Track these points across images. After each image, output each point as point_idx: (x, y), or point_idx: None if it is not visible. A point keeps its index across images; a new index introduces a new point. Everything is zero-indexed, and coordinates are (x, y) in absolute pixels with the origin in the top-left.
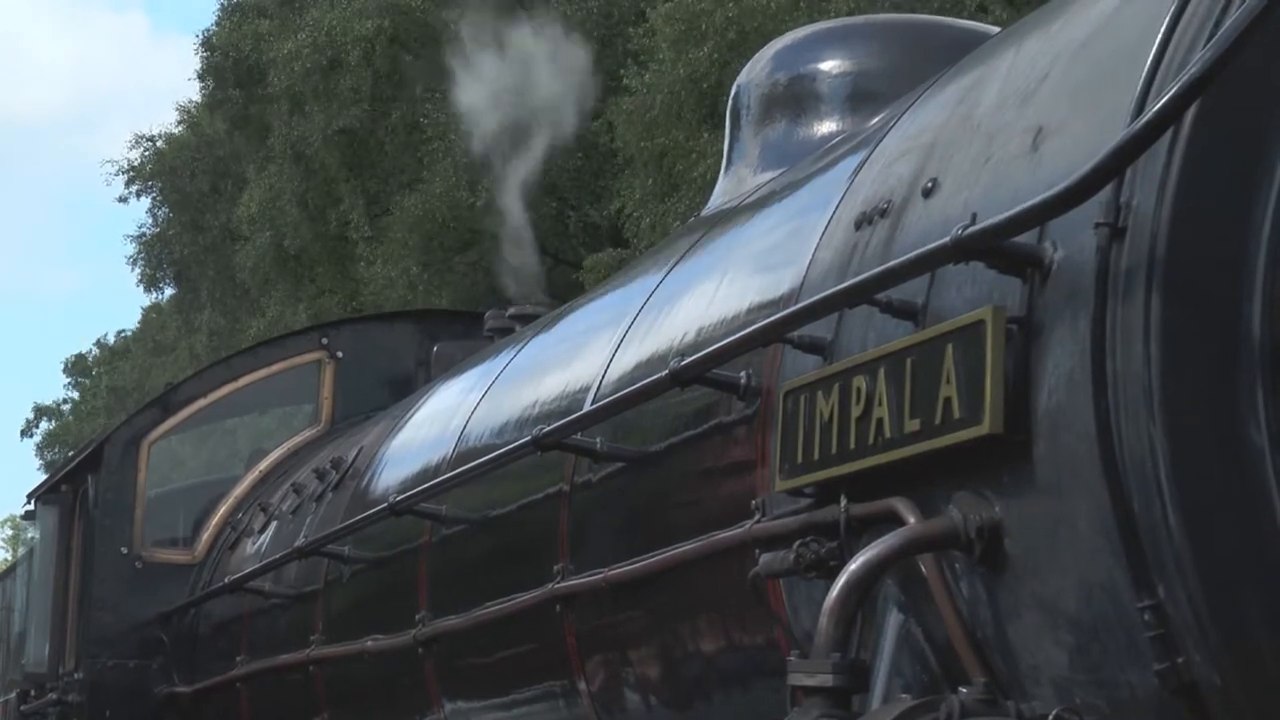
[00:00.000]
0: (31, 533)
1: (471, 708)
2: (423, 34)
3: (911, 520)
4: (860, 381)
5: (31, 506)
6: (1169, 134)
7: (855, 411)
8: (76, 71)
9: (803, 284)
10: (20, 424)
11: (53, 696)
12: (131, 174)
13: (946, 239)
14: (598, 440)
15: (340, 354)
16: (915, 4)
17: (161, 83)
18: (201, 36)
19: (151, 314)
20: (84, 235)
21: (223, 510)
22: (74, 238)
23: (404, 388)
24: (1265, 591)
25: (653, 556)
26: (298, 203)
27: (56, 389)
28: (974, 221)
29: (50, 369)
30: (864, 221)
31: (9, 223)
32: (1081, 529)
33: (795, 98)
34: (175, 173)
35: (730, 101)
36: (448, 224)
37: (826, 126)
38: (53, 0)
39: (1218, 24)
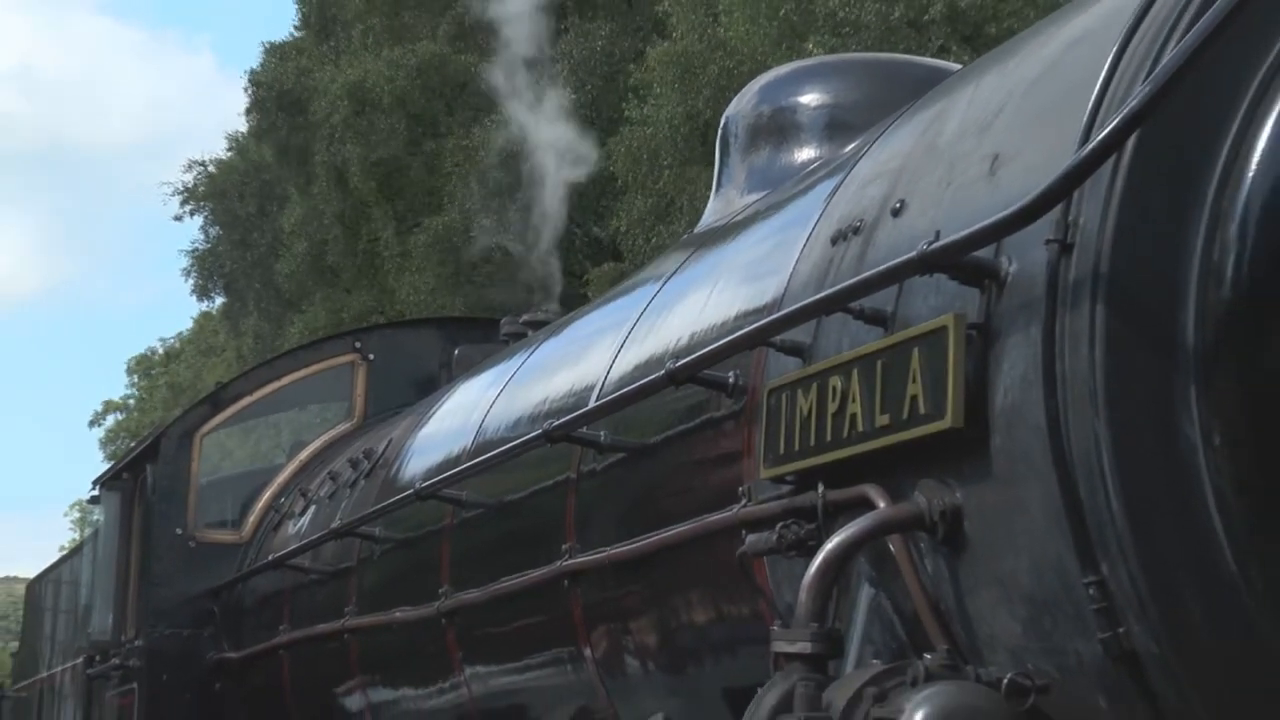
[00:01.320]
0: (96, 515)
1: (489, 672)
2: (448, 78)
3: (881, 505)
4: (836, 381)
5: (96, 492)
6: (1112, 161)
7: (831, 408)
8: (151, 106)
9: (784, 294)
10: (89, 417)
11: (115, 661)
12: (186, 195)
13: (913, 254)
14: (601, 433)
15: (371, 356)
16: (884, 44)
17: (224, 115)
18: (249, 75)
19: (202, 320)
20: (147, 251)
21: (267, 495)
22: (139, 253)
23: (428, 386)
24: (1197, 570)
25: (650, 537)
26: (336, 220)
27: (121, 386)
28: (938, 238)
29: (116, 369)
30: (839, 238)
31: (88, 240)
32: (1033, 513)
33: (778, 127)
34: (225, 195)
35: (720, 131)
36: (467, 240)
37: (806, 153)
38: (133, 43)
39: (1155, 63)
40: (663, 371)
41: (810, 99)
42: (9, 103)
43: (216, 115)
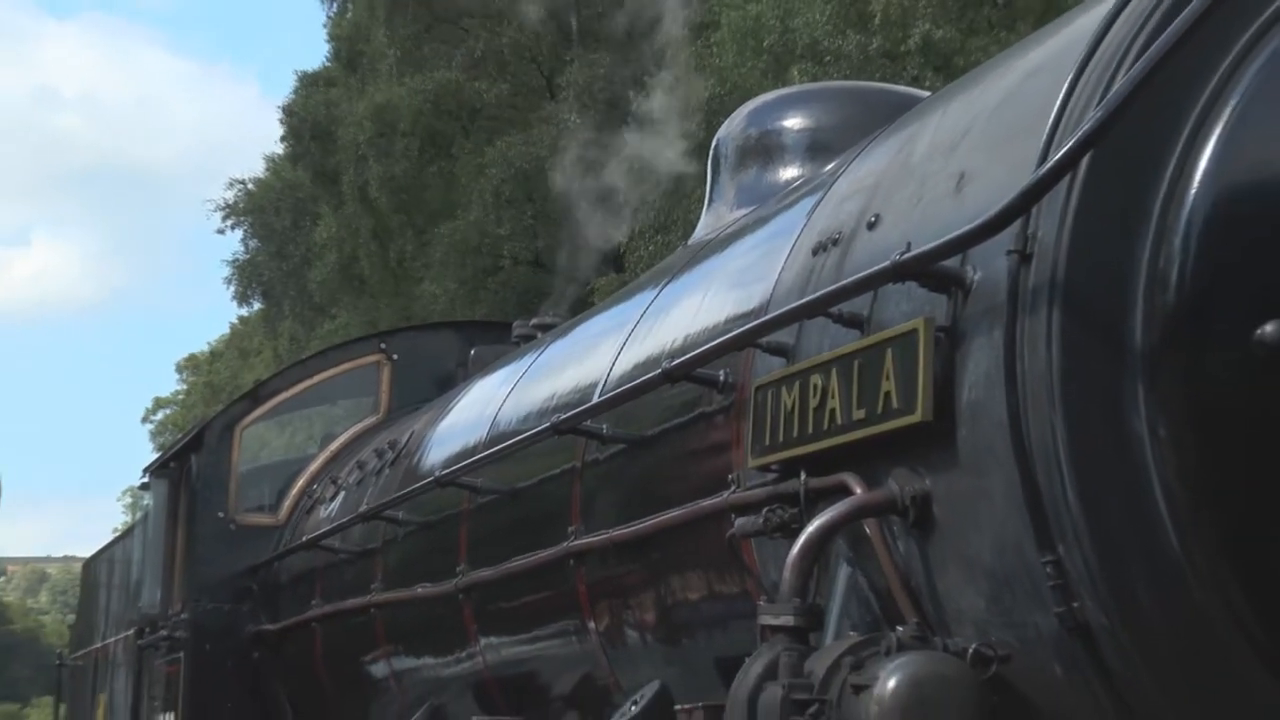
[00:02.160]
0: (146, 501)
1: (502, 642)
2: (462, 103)
3: (858, 491)
4: (817, 379)
5: (146, 480)
6: (1067, 179)
7: (813, 403)
8: (200, 130)
9: (770, 299)
10: (141, 412)
11: (163, 633)
12: (228, 211)
13: (887, 263)
14: (604, 426)
15: (395, 356)
16: (862, 73)
17: (264, 138)
18: (283, 108)
19: (242, 324)
20: (193, 262)
21: (300, 482)
22: (186, 264)
23: (447, 383)
24: (1143, 549)
25: (648, 520)
26: (367, 234)
27: (170, 385)
28: (909, 249)
29: (165, 369)
30: (820, 249)
31: (141, 252)
32: (996, 499)
33: (764, 149)
34: (263, 210)
35: (711, 152)
36: (480, 249)
37: (789, 172)
38: (187, 73)
39: (1106, 91)
40: (660, 370)
41: (794, 123)
42: (74, 126)
43: (258, 138)
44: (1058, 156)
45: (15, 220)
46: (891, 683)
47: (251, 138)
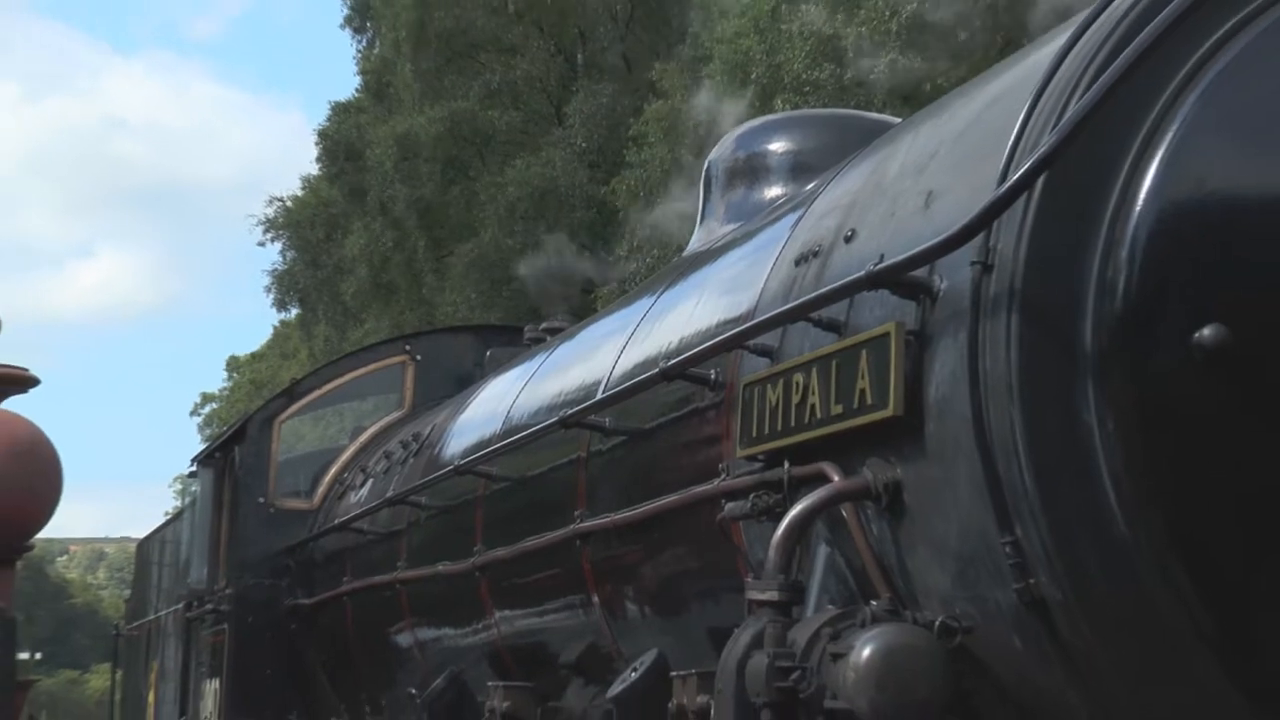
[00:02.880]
0: (194, 487)
1: (515, 615)
2: (477, 130)
3: (836, 479)
4: (798, 377)
5: (194, 468)
6: (1024, 197)
7: (795, 399)
8: (248, 153)
9: (757, 306)
10: (190, 406)
11: (210, 606)
12: (268, 225)
13: (862, 273)
14: (607, 420)
15: (418, 357)
16: (838, 101)
17: (305, 160)
18: (317, 132)
19: (280, 328)
20: (238, 272)
21: (333, 471)
22: (232, 273)
23: (465, 382)
24: (1093, 531)
25: (647, 505)
26: (391, 246)
27: (216, 382)
28: (882, 260)
29: (212, 367)
30: (802, 260)
31: (193, 263)
32: (960, 486)
33: (751, 170)
34: (299, 225)
35: (703, 173)
36: (496, 263)
37: (774, 191)
38: (237, 103)
39: (1060, 118)
40: (657, 369)
41: (778, 146)
42: (136, 151)
43: (298, 160)
44: (1016, 177)
45: (83, 235)
46: (866, 651)
47: (292, 160)
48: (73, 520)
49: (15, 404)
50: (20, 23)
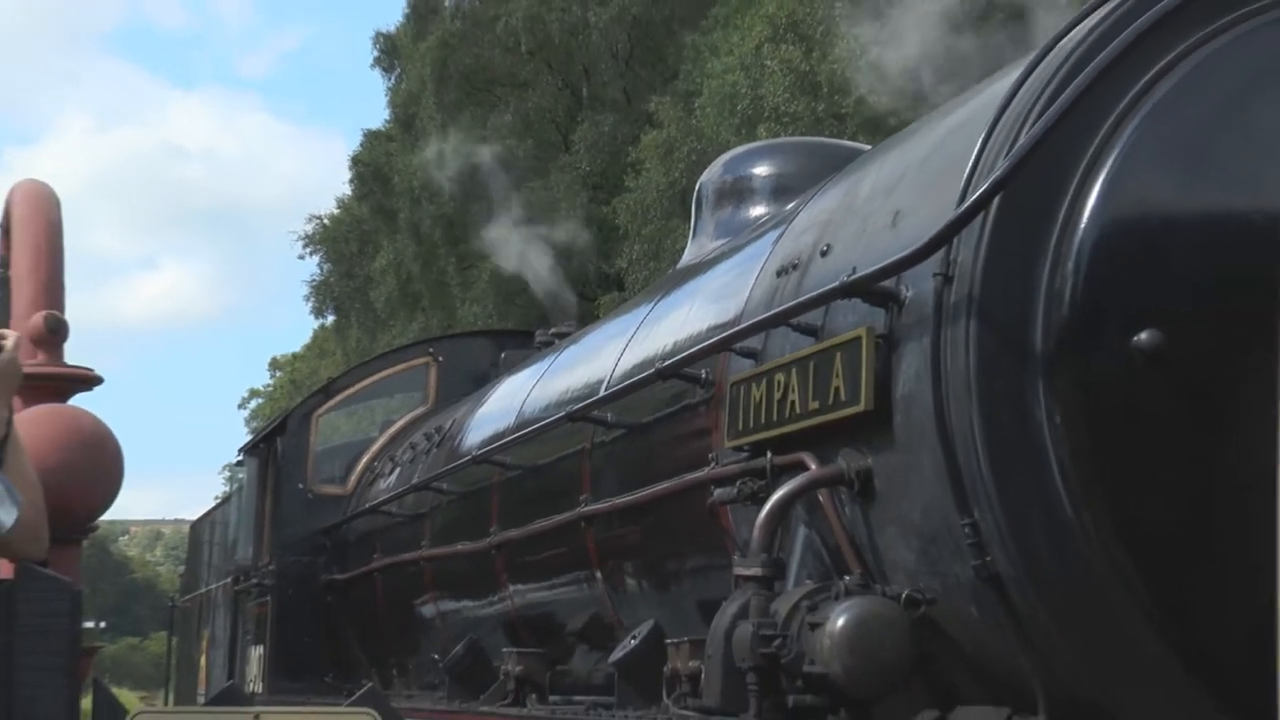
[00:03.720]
0: (241, 475)
1: (527, 589)
2: (492, 156)
3: (813, 467)
4: (780, 376)
5: (241, 458)
6: (982, 216)
7: (776, 396)
8: (295, 178)
9: (743, 313)
10: (237, 401)
11: (255, 580)
12: (306, 241)
13: (837, 284)
14: (609, 415)
15: (441, 358)
16: (814, 130)
17: (341, 183)
18: (351, 158)
19: (318, 333)
20: (284, 282)
21: (365, 460)
22: (279, 283)
23: (482, 381)
24: (1043, 514)
25: (644, 491)
26: (413, 259)
27: (261, 380)
28: (854, 272)
29: (258, 366)
30: (783, 272)
31: (245, 274)
32: (924, 473)
33: (738, 191)
34: (335, 240)
35: (695, 194)
36: (511, 276)
37: (758, 210)
38: (286, 133)
39: (1013, 144)
40: (654, 369)
41: (761, 170)
42: (195, 175)
43: (337, 183)
44: (974, 197)
45: (147, 250)
46: (840, 621)
47: (332, 183)
48: (133, 503)
49: (82, 400)
50: (92, 61)
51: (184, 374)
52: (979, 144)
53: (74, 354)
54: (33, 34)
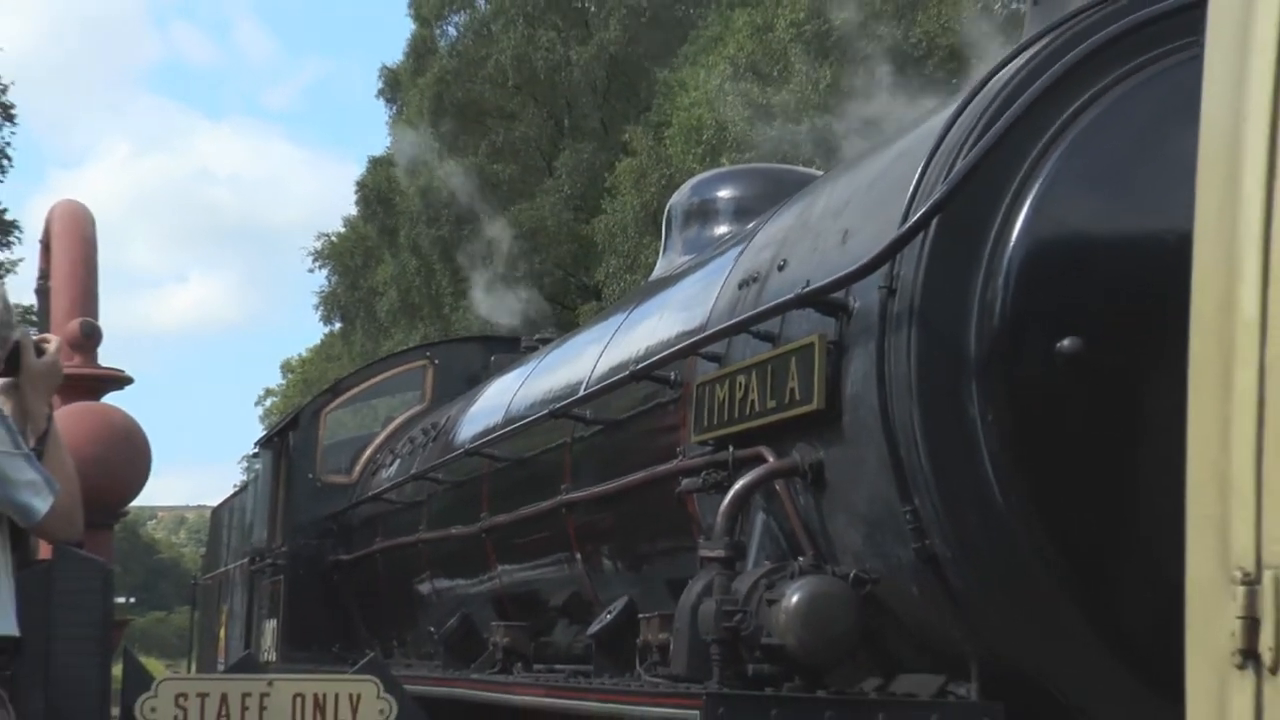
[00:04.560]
0: (257, 465)
1: (514, 569)
2: (486, 179)
3: (771, 460)
4: (741, 378)
5: (257, 450)
6: (922, 235)
7: (738, 395)
8: (311, 199)
9: (708, 321)
10: (254, 399)
11: (269, 561)
12: (316, 255)
13: (792, 295)
14: (587, 412)
15: (437, 361)
16: (772, 157)
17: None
18: (357, 183)
19: (327, 338)
20: (298, 293)
21: (368, 453)
22: (294, 294)
23: (474, 381)
24: (976, 501)
25: (619, 481)
26: (413, 273)
27: (276, 378)
28: (808, 285)
29: (274, 367)
30: (744, 284)
31: (265, 286)
32: (870, 465)
33: (703, 212)
34: (341, 255)
35: (665, 214)
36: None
37: (721, 229)
38: (304, 158)
39: (950, 171)
40: (628, 372)
41: (724, 193)
42: (223, 197)
43: (346, 204)
44: (915, 218)
45: (178, 264)
46: (795, 598)
47: (343, 205)
48: (160, 491)
49: (114, 398)
50: (132, 95)
51: (208, 375)
52: (919, 170)
53: (110, 357)
54: (81, 70)
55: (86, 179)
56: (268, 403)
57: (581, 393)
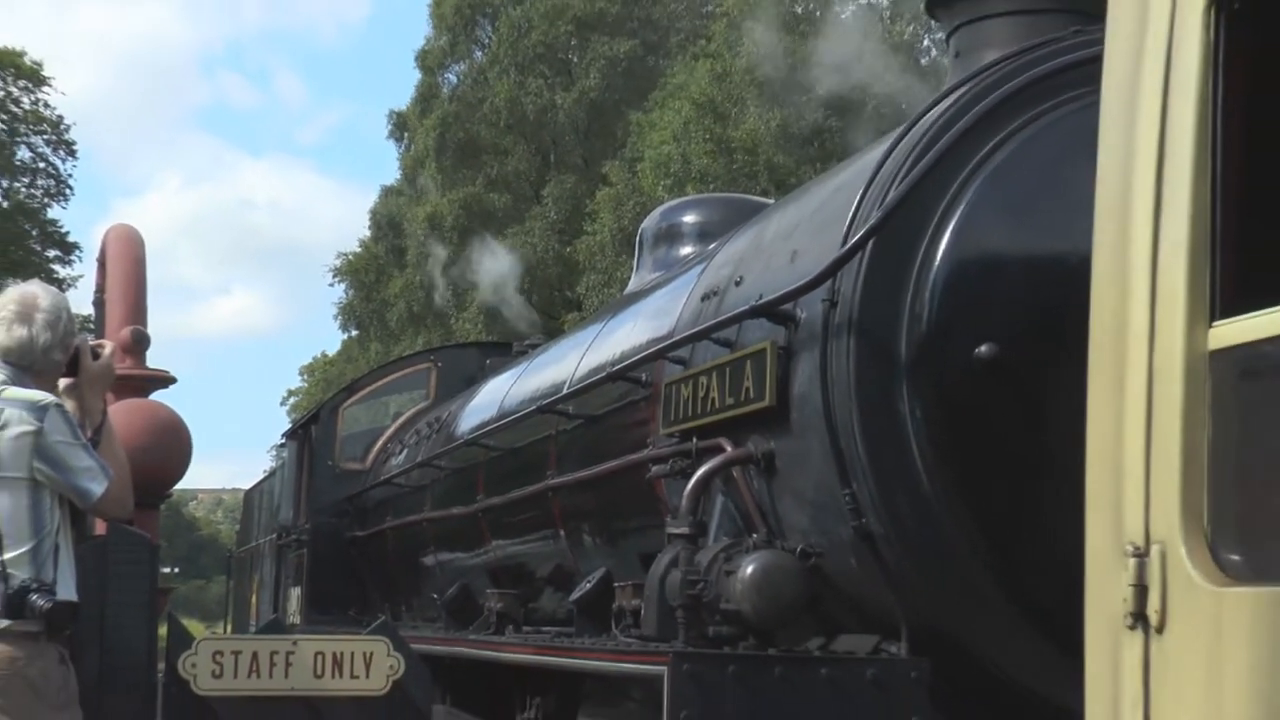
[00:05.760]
0: (284, 454)
1: (506, 544)
2: (483, 206)
3: (729, 449)
4: (703, 379)
5: (284, 441)
6: (859, 255)
7: (701, 394)
8: (337, 224)
9: (675, 329)
10: (280, 397)
11: (294, 537)
12: (335, 272)
13: (747, 307)
14: (570, 408)
15: (440, 364)
16: (730, 187)
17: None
18: (370, 211)
19: (345, 344)
20: (324, 304)
21: (379, 443)
22: (320, 305)
23: (472, 381)
24: (906, 486)
25: (598, 468)
26: (420, 289)
27: (300, 379)
28: (761, 298)
29: (294, 370)
30: (706, 297)
31: (297, 298)
32: (815, 454)
33: (670, 234)
34: (357, 272)
35: (638, 237)
36: (494, 304)
37: (686, 249)
38: (330, 189)
39: (884, 199)
40: (605, 373)
41: (689, 218)
42: (263, 221)
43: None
44: (853, 241)
45: (222, 278)
46: (749, 569)
47: (358, 229)
48: (200, 475)
49: (160, 395)
50: (184, 133)
51: (243, 374)
52: (857, 199)
53: (159, 360)
54: (141, 112)
55: (144, 206)
56: (292, 400)
57: (565, 391)
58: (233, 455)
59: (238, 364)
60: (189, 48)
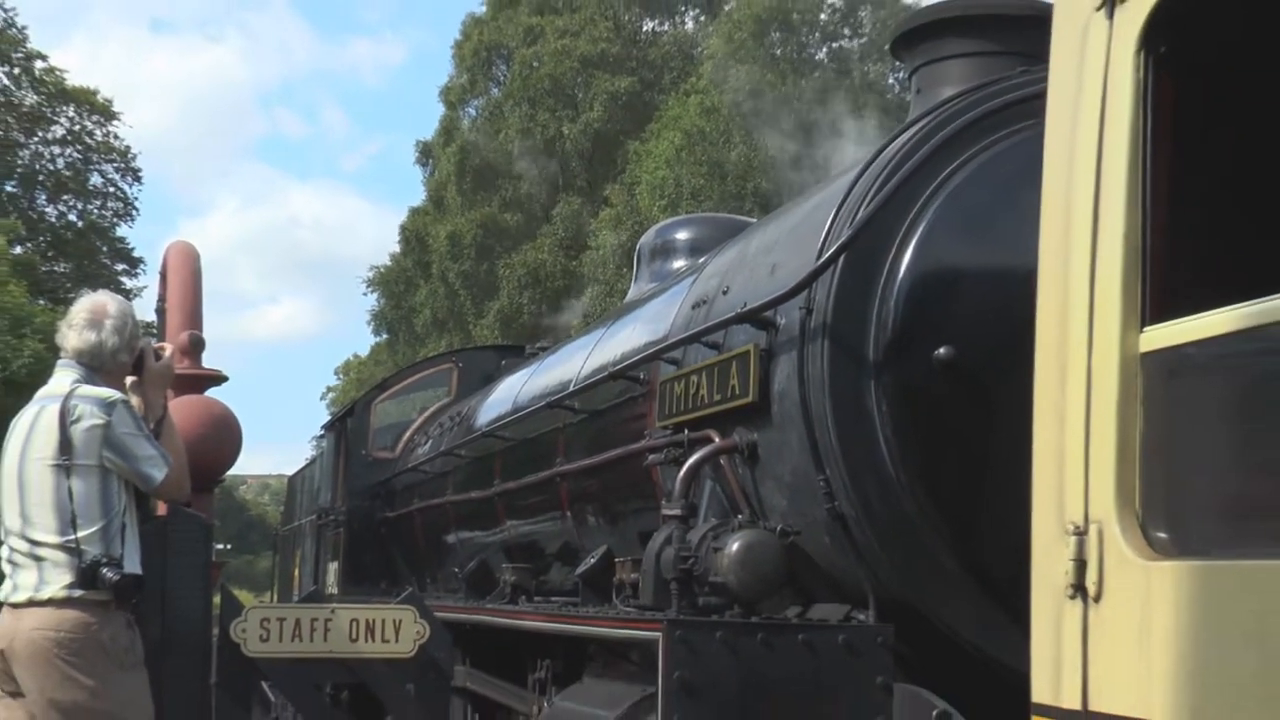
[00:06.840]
0: (323, 444)
1: (519, 524)
2: (499, 225)
3: (717, 440)
4: (694, 377)
5: (323, 433)
6: (832, 268)
7: (692, 391)
8: (375, 241)
9: (669, 333)
10: (320, 393)
11: (332, 518)
12: (368, 282)
13: (733, 314)
14: (576, 403)
15: (461, 364)
16: (719, 207)
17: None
18: (400, 228)
19: (377, 348)
20: (357, 310)
21: (407, 434)
22: (354, 311)
23: (489, 380)
24: (873, 472)
25: (600, 456)
26: (444, 299)
27: (334, 379)
28: (745, 306)
29: (331, 370)
30: (696, 305)
31: (335, 304)
32: (793, 444)
33: (665, 249)
34: (387, 282)
35: (636, 252)
36: (511, 313)
37: (679, 263)
38: (368, 211)
39: (855, 217)
40: (607, 373)
41: (682, 235)
42: (309, 238)
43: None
44: (827, 255)
45: (271, 288)
46: (734, 546)
47: (389, 244)
48: (249, 463)
49: (214, 392)
50: (241, 162)
51: (288, 374)
52: (830, 218)
53: (214, 360)
54: (204, 142)
55: (206, 225)
56: (329, 396)
57: (571, 388)
58: (278, 445)
59: (283, 364)
60: (248, 86)
